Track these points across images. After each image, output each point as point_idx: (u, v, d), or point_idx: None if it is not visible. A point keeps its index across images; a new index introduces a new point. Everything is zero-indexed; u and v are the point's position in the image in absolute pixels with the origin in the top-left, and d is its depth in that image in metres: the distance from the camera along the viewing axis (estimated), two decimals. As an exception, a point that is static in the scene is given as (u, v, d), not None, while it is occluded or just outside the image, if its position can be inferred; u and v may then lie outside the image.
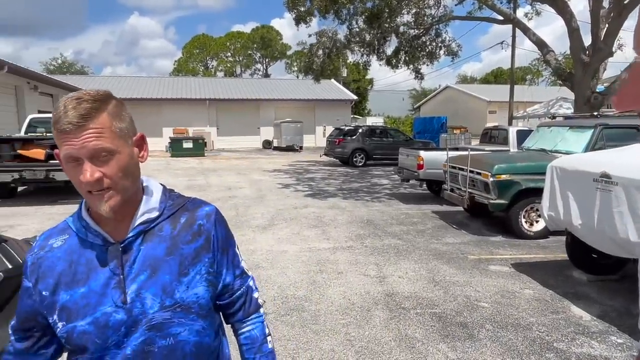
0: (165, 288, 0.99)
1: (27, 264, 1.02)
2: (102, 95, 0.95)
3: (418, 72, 16.02)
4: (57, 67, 47.01)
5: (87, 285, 0.97)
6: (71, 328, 0.95)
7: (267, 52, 55.25)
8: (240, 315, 1.16)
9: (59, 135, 0.90)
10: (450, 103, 38.04)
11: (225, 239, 1.11)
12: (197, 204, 1.12)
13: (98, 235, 0.99)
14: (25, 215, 7.92)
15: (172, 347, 0.99)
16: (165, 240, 1.02)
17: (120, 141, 0.94)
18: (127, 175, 0.95)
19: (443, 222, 7.33)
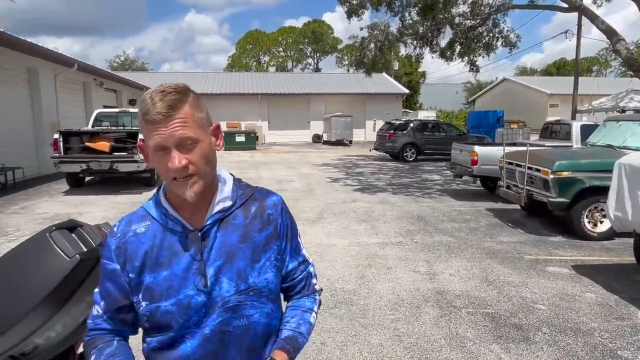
0: (240, 273, 1.06)
1: (110, 247, 1.08)
2: (182, 88, 1.01)
3: (473, 65, 15.47)
4: (120, 64, 49.65)
5: (170, 269, 1.04)
6: (155, 308, 1.03)
7: (318, 46, 55.44)
8: (297, 296, 1.23)
9: (148, 126, 0.97)
10: (508, 96, 36.42)
11: (290, 228, 1.17)
12: (264, 193, 1.18)
13: (177, 222, 1.06)
14: (92, 203, 8.47)
15: (246, 328, 1.07)
16: (238, 229, 1.08)
17: (201, 130, 1.01)
18: (208, 162, 1.02)
19: (498, 220, 7.06)
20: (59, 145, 9.34)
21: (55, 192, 9.71)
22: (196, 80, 31.46)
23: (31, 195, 9.19)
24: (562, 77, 41.39)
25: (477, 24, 13.99)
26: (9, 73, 11.37)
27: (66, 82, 14.20)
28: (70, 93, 14.78)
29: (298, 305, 1.20)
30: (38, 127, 12.38)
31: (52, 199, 8.83)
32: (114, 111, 12.91)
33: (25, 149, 11.78)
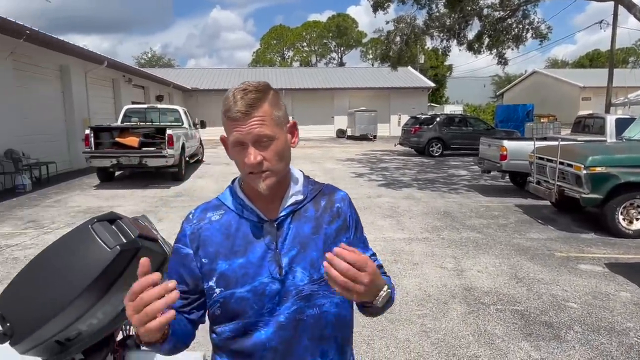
0: (313, 263, 1.09)
1: (185, 232, 1.13)
2: (263, 87, 1.06)
3: (502, 57, 15.13)
4: (147, 61, 50.65)
5: (246, 257, 1.07)
6: (230, 294, 1.07)
7: (342, 40, 55.20)
8: None
9: (229, 123, 1.03)
10: (538, 89, 35.43)
11: (357, 221, 1.22)
12: (331, 189, 1.23)
13: (253, 212, 1.11)
14: (122, 197, 8.70)
15: (318, 317, 1.09)
16: (310, 221, 1.13)
17: (277, 128, 1.05)
18: (282, 159, 1.06)
19: (527, 217, 6.91)
20: (90, 140, 9.62)
21: (86, 186, 10.01)
22: (221, 76, 31.81)
23: (64, 189, 9.50)
24: (595, 69, 39.99)
25: (506, 15, 13.67)
26: (43, 71, 11.76)
27: (96, 79, 14.59)
28: (100, 89, 15.17)
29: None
30: (70, 123, 12.78)
31: (84, 193, 9.11)
32: (143, 107, 13.19)
33: (58, 145, 12.18)
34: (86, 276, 1.29)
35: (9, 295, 1.35)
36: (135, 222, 1.52)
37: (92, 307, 1.33)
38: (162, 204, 7.95)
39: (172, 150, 9.82)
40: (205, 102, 28.18)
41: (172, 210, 7.47)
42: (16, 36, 8.49)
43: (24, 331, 1.29)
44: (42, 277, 1.30)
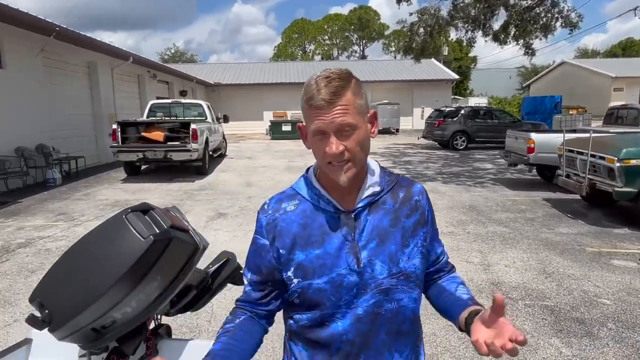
0: (392, 257, 1.06)
1: (261, 223, 1.15)
2: (346, 74, 1.03)
3: (529, 48, 14.69)
4: (171, 57, 51.31)
5: (323, 248, 1.06)
6: (307, 285, 1.06)
7: (364, 33, 54.71)
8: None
9: (311, 111, 1.00)
10: (566, 80, 34.42)
11: (432, 214, 1.19)
12: (408, 181, 1.20)
13: (329, 203, 1.09)
14: (148, 190, 8.87)
15: (396, 311, 1.07)
16: (388, 213, 1.10)
17: (359, 117, 1.02)
18: (363, 149, 1.04)
19: (556, 211, 6.73)
20: (117, 135, 9.83)
21: (114, 179, 10.24)
22: (242, 70, 31.99)
23: (92, 183, 9.75)
24: (628, 58, 38.58)
25: (534, 4, 13.28)
26: (72, 67, 12.05)
27: (122, 74, 14.87)
28: (126, 85, 15.47)
29: (452, 277, 1.22)
30: (98, 119, 13.08)
31: (112, 186, 9.33)
32: (167, 102, 13.39)
33: (86, 139, 12.50)
34: (121, 265, 1.30)
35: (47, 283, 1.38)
36: (167, 213, 1.53)
37: (127, 295, 1.35)
38: (187, 197, 8.07)
39: (196, 145, 9.94)
40: (227, 97, 28.43)
41: (196, 203, 7.57)
42: (46, 34, 8.71)
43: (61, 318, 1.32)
44: (78, 266, 1.32)
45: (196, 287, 1.53)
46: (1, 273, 4.41)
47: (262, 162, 13.22)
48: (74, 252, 1.34)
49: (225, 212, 6.88)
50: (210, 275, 1.60)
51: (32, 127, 9.65)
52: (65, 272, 1.31)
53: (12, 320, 3.45)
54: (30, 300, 1.32)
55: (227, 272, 1.66)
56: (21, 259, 4.80)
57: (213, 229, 5.93)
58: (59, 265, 1.34)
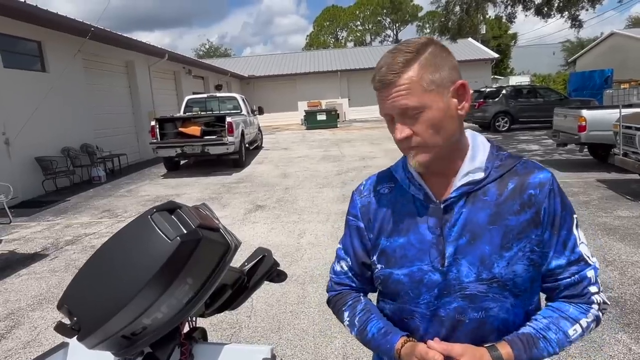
0: (483, 259, 0.91)
1: (356, 205, 1.09)
2: (418, 45, 0.89)
3: (575, 20, 13.80)
4: (205, 52, 52.18)
5: (407, 238, 0.98)
6: (388, 273, 1.00)
7: (397, 16, 53.47)
8: (563, 300, 0.98)
9: (377, 94, 0.93)
10: (615, 53, 32.28)
11: (560, 215, 0.93)
12: (529, 167, 0.97)
13: (421, 189, 0.98)
14: (187, 185, 9.00)
15: (482, 321, 0.93)
16: (489, 207, 0.93)
17: (430, 95, 0.87)
18: (439, 131, 0.89)
19: (612, 192, 6.27)
20: (156, 132, 10.02)
21: (154, 175, 10.47)
22: (275, 62, 32.02)
23: (134, 179, 10.00)
24: (684, 25, 35.75)
25: (580, -28, 12.42)
26: (111, 67, 12.38)
27: (159, 72, 15.16)
28: (162, 82, 15.78)
29: (559, 307, 0.95)
30: (137, 116, 13.41)
31: (153, 182, 9.53)
32: (203, 97, 13.54)
33: (127, 137, 12.85)
34: (148, 269, 1.22)
35: (75, 289, 1.32)
36: (195, 211, 1.42)
37: (156, 301, 1.26)
38: (225, 191, 8.12)
39: (232, 138, 9.99)
40: (261, 89, 28.58)
41: (234, 196, 7.60)
42: (83, 35, 8.94)
43: (90, 326, 1.25)
44: (103, 271, 1.25)
45: (231, 286, 1.44)
46: (51, 270, 4.55)
47: (298, 153, 13.16)
48: (99, 256, 1.26)
49: (262, 204, 6.86)
50: (246, 273, 1.51)
51: (76, 127, 9.98)
52: (91, 278, 1.25)
53: (60, 317, 3.53)
54: (59, 307, 1.26)
55: (263, 270, 1.57)
56: (68, 256, 4.94)
57: (251, 222, 5.91)
58: (85, 270, 1.28)
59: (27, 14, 8.06)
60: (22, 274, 4.48)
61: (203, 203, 1.54)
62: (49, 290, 4.04)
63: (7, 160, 7.73)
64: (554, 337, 0.91)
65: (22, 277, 4.41)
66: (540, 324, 0.93)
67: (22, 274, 4.48)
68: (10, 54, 8.33)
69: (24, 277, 4.39)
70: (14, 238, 5.77)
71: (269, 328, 3.17)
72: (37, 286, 4.15)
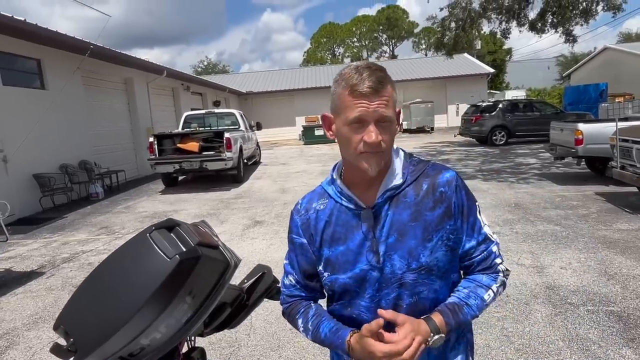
0: (411, 252, 1.07)
1: (297, 223, 1.21)
2: (383, 68, 1.04)
3: (569, 35, 13.98)
4: (204, 69, 52.55)
5: (346, 245, 1.11)
6: (334, 279, 1.13)
7: (393, 32, 54.12)
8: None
9: (354, 99, 1.00)
10: (609, 67, 32.64)
11: (467, 206, 1.12)
12: (437, 169, 1.14)
13: (351, 199, 1.12)
14: (185, 200, 8.97)
15: (415, 303, 1.09)
16: (409, 207, 1.08)
17: (394, 112, 1.05)
18: (392, 143, 1.07)
19: (611, 205, 6.27)
20: (154, 148, 10.02)
21: (152, 191, 10.44)
22: (273, 78, 32.25)
23: (132, 196, 9.97)
24: (676, 40, 36.25)
25: (572, -12, 12.63)
26: (111, 84, 12.44)
27: (157, 88, 15.24)
28: (161, 98, 15.84)
29: (474, 278, 1.14)
30: (135, 132, 13.43)
31: (151, 198, 9.50)
32: (201, 113, 13.59)
33: (126, 153, 12.85)
34: (146, 288, 1.20)
35: (71, 309, 1.30)
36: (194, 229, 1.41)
37: (155, 320, 1.25)
38: (224, 207, 8.09)
39: (231, 153, 9.99)
40: (259, 104, 28.72)
41: (233, 212, 7.57)
42: (82, 53, 9.00)
43: (87, 348, 1.23)
44: (101, 290, 1.23)
45: (231, 304, 1.42)
46: (47, 288, 4.49)
47: (296, 168, 13.17)
48: (97, 275, 1.25)
49: (261, 220, 6.83)
50: (245, 291, 1.49)
51: (75, 144, 9.97)
52: (89, 297, 1.23)
53: (56, 336, 3.47)
54: (55, 327, 1.24)
55: (263, 287, 1.55)
56: (65, 274, 4.89)
57: (250, 238, 5.87)
58: (82, 289, 1.26)
59: (28, 32, 8.12)
60: (17, 293, 4.42)
61: (202, 220, 1.52)
62: (45, 309, 3.99)
63: (4, 177, 7.70)
64: (474, 303, 1.08)
65: (18, 295, 4.35)
66: (462, 294, 1.10)
67: (18, 293, 4.42)
68: (10, 71, 8.36)
69: (19, 296, 4.33)
70: (10, 256, 5.72)
71: (269, 346, 3.12)
72: (33, 305, 4.09)
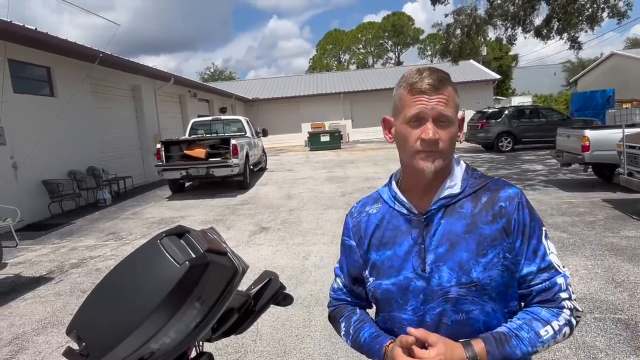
0: (462, 265, 1.01)
1: (348, 226, 1.22)
2: (446, 72, 1.05)
3: (575, 41, 13.96)
4: (210, 76, 52.90)
5: (393, 250, 1.09)
6: (378, 284, 1.10)
7: (398, 39, 54.32)
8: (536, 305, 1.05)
9: (412, 97, 1.00)
10: (616, 73, 32.51)
11: (529, 226, 1.04)
12: (499, 184, 1.09)
13: (404, 205, 1.10)
14: (192, 207, 9.02)
15: (463, 323, 1.02)
16: (464, 218, 1.04)
17: (454, 114, 1.03)
18: (451, 146, 1.03)
19: (619, 212, 6.23)
20: (161, 154, 10.10)
21: (159, 197, 10.51)
22: (279, 84, 32.42)
23: (140, 202, 10.04)
24: (684, 45, 36.05)
25: (578, -5, 12.63)
26: (119, 91, 12.58)
27: (164, 95, 15.38)
28: (168, 105, 15.98)
29: (531, 310, 1.03)
30: (143, 139, 13.55)
31: (158, 204, 9.56)
32: (208, 119, 13.69)
33: (133, 160, 12.96)
34: (157, 294, 1.23)
35: (84, 314, 1.33)
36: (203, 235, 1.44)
37: (165, 325, 1.27)
38: (230, 213, 8.13)
39: (237, 160, 10.05)
40: (266, 111, 28.86)
41: (239, 218, 7.60)
42: (91, 60, 9.13)
43: (98, 352, 1.25)
44: (113, 295, 1.26)
45: (238, 310, 1.44)
46: (56, 293, 4.54)
47: (302, 174, 13.20)
48: (109, 280, 1.28)
49: (267, 226, 6.86)
50: (252, 297, 1.51)
51: (83, 150, 10.09)
52: (101, 303, 1.26)
53: (65, 341, 3.51)
54: (68, 332, 1.26)
55: (269, 293, 1.57)
56: (73, 279, 4.94)
57: (256, 244, 5.90)
58: (95, 294, 1.29)
59: (38, 41, 8.25)
60: (27, 298, 4.47)
61: (211, 227, 1.55)
62: (53, 314, 4.03)
63: (14, 184, 7.80)
64: (526, 336, 0.97)
65: (27, 300, 4.40)
66: (514, 324, 1.00)
67: (27, 298, 4.47)
68: (20, 79, 8.49)
69: (29, 301, 4.38)
70: (19, 261, 5.78)
71: (275, 352, 3.13)
72: (42, 310, 4.14)
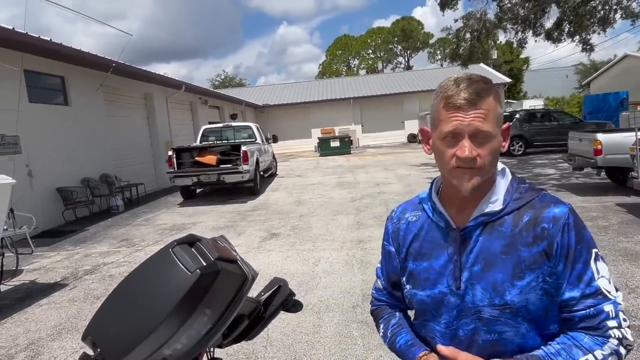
0: (495, 286, 0.97)
1: (388, 231, 1.22)
2: (488, 80, 0.98)
3: (587, 44, 13.84)
4: (221, 82, 53.32)
5: (430, 262, 1.07)
6: (413, 294, 1.10)
7: (408, 43, 54.27)
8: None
9: (448, 112, 0.95)
10: (630, 75, 32.03)
11: (574, 249, 0.95)
12: (546, 201, 1.00)
13: (442, 217, 1.07)
14: (203, 213, 9.10)
15: (494, 342, 0.99)
16: (503, 237, 0.99)
17: (496, 126, 0.96)
18: (493, 161, 0.97)
19: (633, 217, 6.15)
20: (173, 161, 10.22)
21: (171, 204, 10.62)
22: (289, 90, 32.58)
23: (152, 208, 10.15)
24: (699, 46, 35.38)
25: (589, -3, 12.53)
26: (131, 99, 12.77)
27: (176, 103, 15.56)
28: (179, 112, 16.16)
29: (573, 336, 0.95)
30: (155, 146, 13.71)
31: (169, 211, 9.66)
32: (219, 126, 13.82)
33: (145, 167, 13.12)
34: (169, 301, 1.26)
35: (99, 320, 1.36)
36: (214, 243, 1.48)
37: (176, 332, 1.30)
38: (241, 219, 8.18)
39: (247, 166, 10.13)
40: (276, 117, 29.02)
41: (249, 224, 7.65)
42: (104, 69, 9.29)
43: (113, 357, 1.29)
44: (127, 302, 1.30)
45: (248, 316, 1.47)
46: (70, 300, 4.61)
47: (312, 180, 13.24)
48: (123, 288, 1.31)
49: (277, 232, 6.89)
50: (262, 303, 1.53)
51: (96, 158, 10.25)
52: (115, 309, 1.29)
53: (79, 347, 3.56)
54: (83, 338, 1.30)
55: (279, 300, 1.59)
56: (87, 286, 5.01)
57: (266, 250, 5.93)
58: (109, 301, 1.32)
59: (53, 52, 8.43)
60: (42, 304, 4.55)
61: (221, 235, 1.59)
62: (68, 320, 4.10)
63: (29, 192, 7.95)
64: None
65: (43, 306, 4.48)
66: (552, 349, 0.95)
67: (42, 304, 4.55)
68: (35, 89, 8.67)
69: (44, 307, 4.46)
70: (34, 268, 5.88)
71: (285, 358, 3.15)
72: (57, 316, 4.21)
